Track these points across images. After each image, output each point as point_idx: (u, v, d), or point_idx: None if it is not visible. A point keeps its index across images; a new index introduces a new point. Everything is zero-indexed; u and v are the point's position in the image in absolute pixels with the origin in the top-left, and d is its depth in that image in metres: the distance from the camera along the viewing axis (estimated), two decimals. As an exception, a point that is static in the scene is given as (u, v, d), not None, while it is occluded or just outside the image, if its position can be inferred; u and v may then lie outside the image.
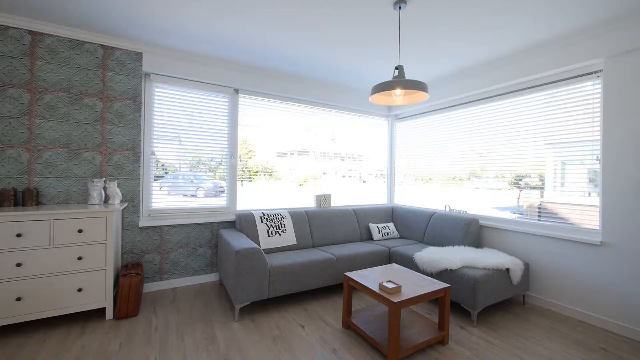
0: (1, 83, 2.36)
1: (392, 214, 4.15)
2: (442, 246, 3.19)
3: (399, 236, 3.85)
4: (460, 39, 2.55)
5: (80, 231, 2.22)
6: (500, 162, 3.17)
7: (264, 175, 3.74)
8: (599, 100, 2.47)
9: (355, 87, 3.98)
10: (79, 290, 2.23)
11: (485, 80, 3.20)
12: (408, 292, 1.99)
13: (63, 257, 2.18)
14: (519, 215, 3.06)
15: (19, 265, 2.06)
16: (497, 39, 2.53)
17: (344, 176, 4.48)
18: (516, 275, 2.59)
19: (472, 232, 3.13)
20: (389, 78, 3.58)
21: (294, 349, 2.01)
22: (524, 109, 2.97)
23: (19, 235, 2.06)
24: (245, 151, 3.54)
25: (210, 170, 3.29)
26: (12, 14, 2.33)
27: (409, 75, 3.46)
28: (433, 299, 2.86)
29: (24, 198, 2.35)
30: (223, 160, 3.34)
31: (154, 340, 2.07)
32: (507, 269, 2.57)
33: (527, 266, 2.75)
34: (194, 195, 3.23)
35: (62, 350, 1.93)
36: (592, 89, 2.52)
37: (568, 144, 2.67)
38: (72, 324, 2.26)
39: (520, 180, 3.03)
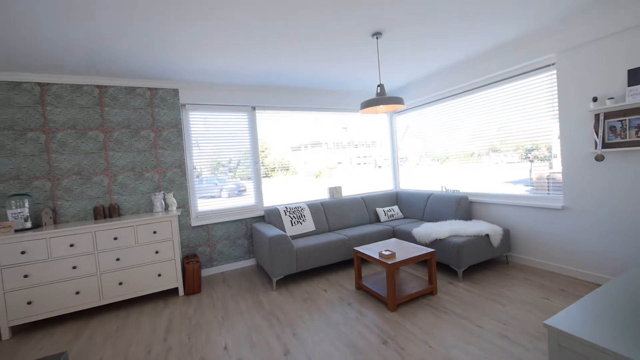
0: (83, 128, 3.15)
1: (396, 198, 4.74)
2: (437, 221, 3.78)
3: (402, 216, 4.46)
4: (432, 49, 3.07)
5: (154, 232, 3.01)
6: (508, 138, 3.35)
7: (281, 170, 4.36)
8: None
9: (355, 92, 4.54)
10: (159, 275, 3.03)
11: (462, 76, 3.69)
12: (400, 257, 2.63)
13: (145, 252, 2.98)
14: (531, 188, 3.20)
15: (117, 259, 2.87)
16: (468, 44, 3.02)
17: (359, 164, 4.84)
18: (495, 240, 3.16)
19: (462, 207, 3.69)
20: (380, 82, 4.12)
21: (319, 305, 2.72)
22: (528, 90, 3.16)
23: (115, 239, 2.86)
24: (261, 148, 4.13)
25: (230, 171, 3.94)
26: (83, 75, 3.09)
27: (406, 72, 3.86)
28: (422, 260, 3.51)
29: (110, 212, 3.16)
30: (243, 161, 4.03)
31: (218, 306, 2.85)
32: (487, 235, 3.14)
33: (507, 232, 3.30)
34: (220, 197, 3.87)
35: (156, 315, 2.74)
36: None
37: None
38: (156, 299, 3.09)
39: (530, 152, 3.08)
